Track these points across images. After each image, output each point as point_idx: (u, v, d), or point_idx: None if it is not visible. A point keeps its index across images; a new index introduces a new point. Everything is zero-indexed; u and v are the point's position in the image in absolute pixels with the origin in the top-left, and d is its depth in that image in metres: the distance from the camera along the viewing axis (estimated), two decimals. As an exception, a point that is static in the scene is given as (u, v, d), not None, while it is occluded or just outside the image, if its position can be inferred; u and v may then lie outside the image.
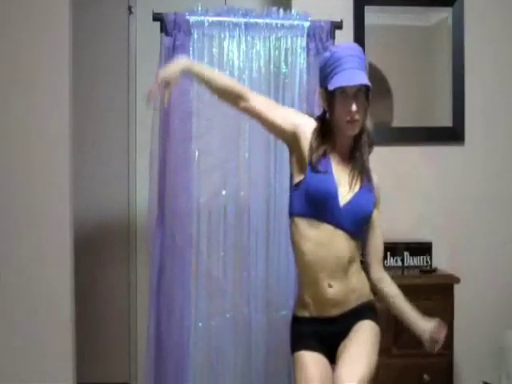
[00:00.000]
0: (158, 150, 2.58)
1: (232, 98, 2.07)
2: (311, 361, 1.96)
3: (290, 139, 2.06)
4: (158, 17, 2.60)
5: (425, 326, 2.05)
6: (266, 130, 2.13)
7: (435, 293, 2.73)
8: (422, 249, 2.93)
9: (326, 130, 2.02)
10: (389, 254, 2.89)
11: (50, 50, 2.73)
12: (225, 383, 2.67)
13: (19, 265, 2.70)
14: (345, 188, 1.99)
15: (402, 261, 2.90)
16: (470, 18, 3.13)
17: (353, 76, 1.92)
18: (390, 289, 2.13)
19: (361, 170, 2.02)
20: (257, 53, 2.68)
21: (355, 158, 2.03)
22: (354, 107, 1.92)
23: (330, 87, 1.92)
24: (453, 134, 3.14)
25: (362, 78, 1.93)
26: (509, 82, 3.18)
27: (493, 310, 3.13)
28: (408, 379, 2.64)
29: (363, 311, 2.05)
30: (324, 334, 2.01)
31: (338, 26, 2.74)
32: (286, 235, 2.64)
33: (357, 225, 2.01)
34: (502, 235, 3.17)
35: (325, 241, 1.97)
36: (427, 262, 2.92)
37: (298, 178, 2.02)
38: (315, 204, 1.97)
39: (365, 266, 2.14)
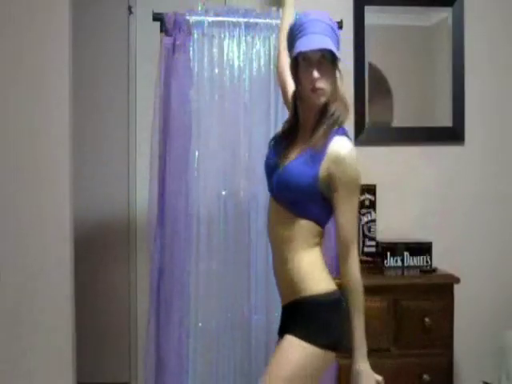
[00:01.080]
0: (158, 150, 2.58)
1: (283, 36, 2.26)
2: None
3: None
4: (158, 17, 2.59)
5: (357, 370, 1.83)
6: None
7: (435, 293, 2.73)
8: (422, 249, 2.92)
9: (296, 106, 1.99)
10: (389, 253, 2.89)
11: (49, 50, 2.73)
12: (225, 383, 2.67)
13: (19, 265, 2.70)
14: (284, 159, 1.93)
15: (402, 261, 2.90)
16: (470, 18, 3.12)
17: (313, 41, 1.81)
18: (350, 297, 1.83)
19: (313, 140, 1.86)
20: (257, 53, 2.68)
21: (314, 131, 1.88)
22: (315, 74, 1.80)
23: (292, 55, 1.87)
24: (453, 134, 3.14)
25: (323, 43, 1.81)
26: (509, 82, 3.18)
27: (492, 310, 3.13)
28: (408, 379, 2.64)
29: (294, 315, 1.86)
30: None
31: (337, 25, 2.74)
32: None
33: (283, 194, 1.89)
34: (502, 235, 3.17)
35: (269, 214, 1.99)
36: (427, 261, 2.92)
37: None
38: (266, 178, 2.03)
39: None
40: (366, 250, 2.95)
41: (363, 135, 3.01)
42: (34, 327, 2.70)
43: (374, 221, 2.95)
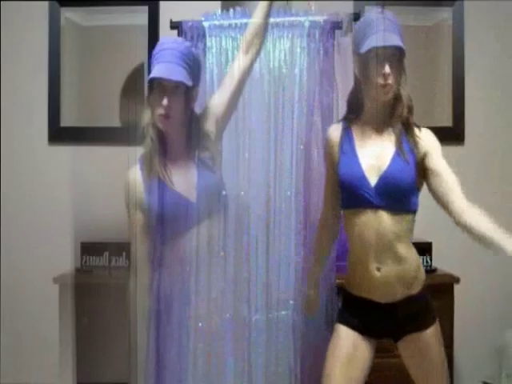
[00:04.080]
0: (157, 150, 2.56)
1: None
2: (346, 336, 2.00)
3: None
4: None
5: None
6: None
7: (435, 293, 2.71)
8: (422, 249, 2.91)
9: (357, 105, 2.03)
10: (389, 254, 2.89)
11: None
12: (225, 383, 2.66)
13: (19, 264, 2.70)
14: (374, 163, 1.96)
15: (402, 261, 2.90)
16: (470, 18, 3.13)
17: (384, 37, 1.91)
18: (478, 222, 1.95)
19: (397, 136, 1.99)
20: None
21: (391, 125, 2.02)
22: (386, 69, 1.91)
23: (362, 50, 1.92)
24: (453, 134, 3.14)
25: (394, 40, 1.93)
26: (509, 82, 3.18)
27: (493, 310, 3.13)
28: (409, 379, 2.64)
29: (413, 309, 2.03)
30: (368, 319, 2.02)
31: (338, 26, 2.74)
32: (285, 235, 2.65)
33: (395, 199, 1.96)
34: (502, 235, 3.17)
35: (367, 226, 1.94)
36: (427, 261, 2.92)
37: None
38: (349, 192, 1.97)
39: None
40: (366, 250, 2.95)
41: (363, 135, 3.01)
42: (34, 327, 2.70)
43: (374, 221, 2.95)
